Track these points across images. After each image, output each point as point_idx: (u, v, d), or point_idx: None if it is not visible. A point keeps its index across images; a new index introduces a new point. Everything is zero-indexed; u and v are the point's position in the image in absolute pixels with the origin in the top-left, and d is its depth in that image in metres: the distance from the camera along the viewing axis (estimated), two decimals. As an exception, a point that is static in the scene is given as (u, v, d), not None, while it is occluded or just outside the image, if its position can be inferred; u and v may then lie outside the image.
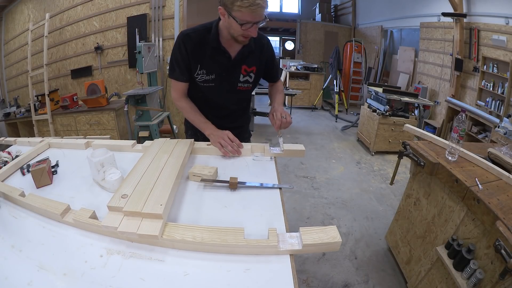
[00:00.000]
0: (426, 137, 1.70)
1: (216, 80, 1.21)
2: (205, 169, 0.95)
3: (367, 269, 1.91)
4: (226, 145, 1.12)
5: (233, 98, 1.30)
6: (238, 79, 1.24)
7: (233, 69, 1.21)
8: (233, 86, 1.25)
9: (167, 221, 0.71)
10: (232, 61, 1.19)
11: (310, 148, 4.08)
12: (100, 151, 0.93)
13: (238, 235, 0.66)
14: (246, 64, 1.22)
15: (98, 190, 0.91)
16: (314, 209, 2.58)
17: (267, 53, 1.27)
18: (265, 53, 1.26)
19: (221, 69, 1.19)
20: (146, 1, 3.66)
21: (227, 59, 1.18)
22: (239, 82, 1.25)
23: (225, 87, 1.24)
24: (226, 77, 1.22)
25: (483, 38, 3.82)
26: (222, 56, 1.17)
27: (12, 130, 4.05)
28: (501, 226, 0.99)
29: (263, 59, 1.27)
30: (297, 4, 10.47)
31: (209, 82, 1.21)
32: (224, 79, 1.22)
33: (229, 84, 1.24)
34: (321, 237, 0.66)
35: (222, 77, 1.21)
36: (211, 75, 1.20)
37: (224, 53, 1.16)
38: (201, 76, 1.20)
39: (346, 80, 6.57)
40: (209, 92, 1.25)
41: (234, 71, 1.22)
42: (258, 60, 1.24)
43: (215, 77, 1.21)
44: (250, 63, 1.23)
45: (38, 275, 0.60)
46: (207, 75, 1.20)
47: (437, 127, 4.50)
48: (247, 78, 1.25)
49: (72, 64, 4.15)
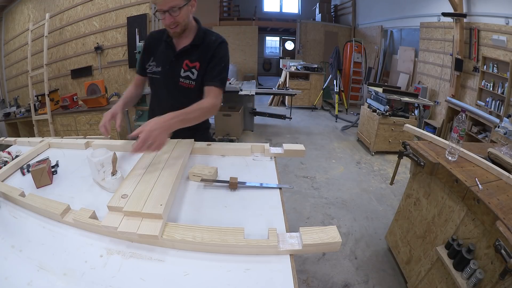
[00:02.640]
0: (426, 137, 1.70)
1: (161, 72, 1.26)
2: (205, 169, 0.95)
3: (367, 269, 1.91)
4: (100, 125, 1.12)
5: (176, 95, 1.27)
6: (179, 73, 1.23)
7: (175, 62, 1.23)
8: (175, 81, 1.24)
9: (167, 221, 0.71)
10: (176, 53, 1.23)
11: (310, 148, 4.08)
12: (100, 151, 0.93)
13: (238, 235, 0.66)
14: (188, 59, 1.22)
15: (98, 190, 0.91)
16: (314, 209, 2.58)
17: (213, 52, 1.21)
18: (210, 51, 1.21)
19: (167, 62, 1.24)
20: (146, 1, 3.66)
21: (172, 52, 1.23)
22: (180, 77, 1.23)
23: (168, 81, 1.26)
24: (169, 70, 1.25)
25: (483, 38, 3.82)
26: (169, 49, 1.24)
27: (12, 130, 4.04)
28: (501, 226, 0.99)
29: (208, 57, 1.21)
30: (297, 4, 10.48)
31: (156, 74, 1.28)
32: (168, 72, 1.25)
33: (171, 78, 1.25)
34: (321, 237, 0.66)
35: (166, 69, 1.25)
36: (158, 67, 1.27)
37: (171, 46, 1.24)
38: (151, 67, 1.28)
39: (346, 80, 6.57)
40: (156, 85, 1.32)
41: (176, 64, 1.23)
42: (203, 56, 1.21)
43: (161, 69, 1.26)
44: (193, 58, 1.22)
45: (38, 275, 0.60)
46: (156, 66, 1.27)
47: (437, 127, 4.50)
48: (189, 74, 1.23)
49: (72, 64, 4.15)
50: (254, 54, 8.80)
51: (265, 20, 9.55)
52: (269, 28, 9.88)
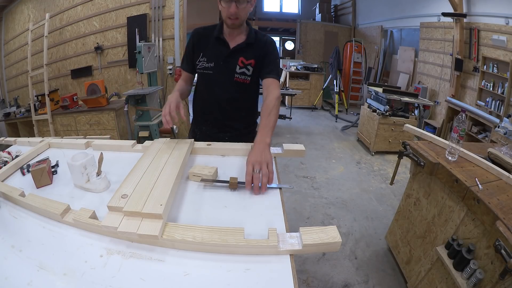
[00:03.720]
0: (426, 137, 1.70)
1: (214, 68, 1.28)
2: (205, 169, 0.94)
3: (367, 269, 1.91)
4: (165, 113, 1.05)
5: (231, 89, 1.31)
6: (235, 70, 1.27)
7: (230, 58, 1.27)
8: (230, 76, 1.28)
9: (167, 221, 0.71)
10: (230, 51, 1.26)
11: (310, 148, 4.08)
12: (80, 155, 0.92)
13: (238, 235, 0.66)
14: (243, 56, 1.26)
15: (98, 190, 0.91)
16: (314, 209, 2.58)
17: (267, 49, 1.29)
18: (265, 49, 1.28)
19: (220, 58, 1.27)
20: (146, 1, 3.66)
21: (226, 49, 1.26)
22: (235, 73, 1.28)
23: (222, 76, 1.29)
24: (224, 66, 1.27)
25: (483, 38, 3.82)
26: (222, 46, 1.27)
27: (12, 130, 4.05)
28: (501, 226, 0.99)
29: (263, 54, 1.28)
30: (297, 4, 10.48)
31: (208, 69, 1.29)
32: (222, 68, 1.27)
33: (226, 74, 1.28)
34: (321, 237, 0.66)
35: (220, 65, 1.28)
36: (211, 63, 1.28)
37: (224, 42, 1.26)
38: (202, 63, 1.30)
39: (346, 80, 6.57)
40: (208, 81, 1.32)
41: (231, 61, 1.27)
42: (257, 54, 1.27)
43: (213, 65, 1.28)
44: (248, 56, 1.26)
45: (38, 275, 0.60)
46: (207, 62, 1.29)
47: (437, 127, 4.50)
48: (244, 70, 1.28)
49: (72, 64, 4.15)
50: (254, 54, 8.78)
51: (265, 20, 9.55)
52: (269, 28, 9.88)
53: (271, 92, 1.21)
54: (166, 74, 3.79)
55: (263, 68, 1.29)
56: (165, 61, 3.77)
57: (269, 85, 1.25)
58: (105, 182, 0.91)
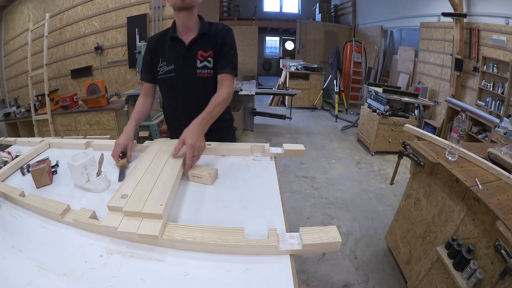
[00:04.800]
0: (426, 137, 1.70)
1: (175, 69, 1.25)
2: (205, 170, 0.95)
3: (367, 269, 1.91)
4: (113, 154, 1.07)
5: (195, 88, 1.27)
6: (196, 65, 1.24)
7: (189, 55, 1.23)
8: (193, 73, 1.25)
9: (167, 221, 0.71)
10: (187, 47, 1.22)
11: (310, 148, 4.08)
12: (80, 155, 0.92)
13: (238, 235, 0.66)
14: (201, 49, 1.23)
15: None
16: (314, 209, 2.58)
17: (222, 39, 1.24)
18: (219, 38, 1.24)
19: (179, 58, 1.24)
20: (146, 1, 3.66)
21: (182, 47, 1.23)
22: (197, 69, 1.24)
23: (185, 75, 1.25)
24: (184, 64, 1.24)
25: (483, 38, 3.82)
26: (178, 45, 1.24)
27: (12, 130, 4.05)
28: (501, 226, 0.99)
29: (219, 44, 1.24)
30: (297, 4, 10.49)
31: (170, 72, 1.26)
32: (183, 67, 1.24)
33: (188, 72, 1.25)
34: (321, 237, 0.66)
35: (180, 65, 1.24)
36: (171, 65, 1.25)
37: (179, 41, 1.23)
38: (163, 68, 1.26)
39: (346, 80, 6.57)
40: (171, 84, 1.28)
41: (190, 57, 1.23)
42: (214, 44, 1.24)
43: (173, 66, 1.25)
44: (206, 47, 1.23)
45: (38, 275, 0.60)
46: (167, 65, 1.26)
47: (437, 127, 4.50)
48: (206, 63, 1.24)
49: (72, 64, 4.16)
50: (254, 54, 8.80)
51: (265, 20, 9.56)
52: (269, 28, 9.89)
53: (223, 87, 1.22)
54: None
55: (218, 61, 1.24)
56: (165, 61, 3.77)
57: (223, 80, 1.23)
58: (105, 182, 0.91)
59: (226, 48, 1.24)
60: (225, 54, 1.24)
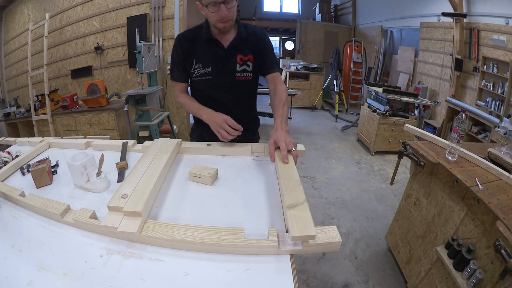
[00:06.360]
0: (426, 137, 1.70)
1: (213, 72, 1.22)
2: (205, 170, 0.94)
3: (367, 269, 1.91)
4: (226, 134, 1.09)
5: (234, 91, 1.27)
6: (235, 68, 1.23)
7: (228, 58, 1.21)
8: (232, 77, 1.23)
9: (167, 221, 0.71)
10: (226, 50, 1.20)
11: (310, 148, 4.08)
12: (80, 155, 0.92)
13: (238, 235, 0.66)
14: (241, 53, 1.22)
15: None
16: (314, 209, 2.58)
17: (261, 42, 1.25)
18: (259, 41, 1.25)
19: (217, 60, 1.21)
20: (146, 1, 3.66)
21: (221, 50, 1.20)
22: (236, 72, 1.23)
23: (223, 79, 1.23)
24: (223, 68, 1.22)
25: (483, 38, 3.82)
26: (215, 47, 1.20)
27: (12, 130, 4.04)
28: (501, 226, 0.99)
29: (260, 47, 1.25)
30: (297, 4, 10.48)
31: (206, 75, 1.23)
32: (221, 70, 1.22)
33: (227, 75, 1.23)
34: (321, 237, 0.66)
35: (218, 68, 1.22)
36: (207, 68, 1.22)
37: (217, 43, 1.20)
38: (198, 70, 1.22)
39: (346, 80, 6.57)
40: (208, 87, 1.25)
41: (229, 60, 1.22)
42: (253, 48, 1.23)
43: (211, 69, 1.22)
44: (245, 51, 1.22)
45: (38, 275, 0.60)
46: (204, 68, 1.22)
47: (437, 127, 4.50)
48: (245, 67, 1.24)
49: (72, 64, 4.15)
50: (254, 54, 8.77)
51: (265, 20, 9.55)
52: (269, 28, 9.87)
53: (279, 85, 1.25)
54: (166, 74, 3.79)
55: (264, 63, 1.26)
56: (165, 61, 3.77)
57: (275, 78, 1.27)
58: (105, 182, 0.91)
59: (269, 49, 1.27)
60: (269, 54, 1.27)
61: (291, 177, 0.84)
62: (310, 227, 0.64)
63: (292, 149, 0.98)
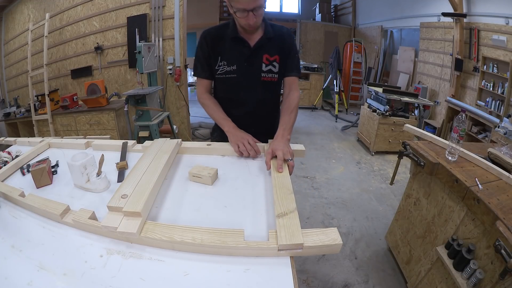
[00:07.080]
0: (426, 137, 1.70)
1: (238, 71, 1.20)
2: (205, 170, 0.94)
3: (367, 269, 1.91)
4: (244, 150, 1.08)
5: (259, 91, 1.25)
6: (261, 68, 1.21)
7: (253, 58, 1.20)
8: (257, 76, 1.22)
9: (167, 222, 0.71)
10: (252, 49, 1.18)
11: (310, 148, 4.08)
12: (80, 155, 0.92)
13: (237, 236, 0.66)
14: (267, 53, 1.20)
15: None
16: (314, 209, 2.58)
17: (287, 43, 1.23)
18: (286, 43, 1.23)
19: (242, 59, 1.19)
20: (146, 1, 3.66)
21: (247, 48, 1.19)
22: (262, 72, 1.21)
23: (248, 78, 1.21)
24: (248, 67, 1.20)
25: (483, 38, 3.82)
26: (241, 46, 1.19)
27: (12, 130, 4.04)
28: (501, 226, 0.99)
29: (286, 49, 1.23)
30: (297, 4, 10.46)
31: (231, 73, 1.21)
32: (246, 69, 1.20)
33: (252, 75, 1.21)
34: (321, 239, 0.66)
35: (243, 67, 1.20)
36: (232, 66, 1.20)
37: (243, 42, 1.18)
38: (222, 67, 1.21)
39: (346, 80, 6.57)
40: (232, 85, 1.23)
41: (255, 60, 1.20)
42: (279, 49, 1.22)
43: (236, 68, 1.20)
44: (272, 51, 1.20)
45: (38, 275, 0.60)
46: (228, 66, 1.20)
47: (437, 127, 4.49)
48: (271, 68, 1.22)
49: (72, 64, 4.15)
50: (254, 54, 8.77)
51: (265, 20, 9.53)
52: (269, 28, 9.87)
53: (293, 90, 1.24)
54: (166, 74, 3.79)
55: (285, 65, 1.24)
56: (165, 61, 3.77)
57: (291, 83, 1.26)
58: (105, 182, 0.91)
59: (294, 51, 1.25)
60: (293, 57, 1.24)
61: (284, 186, 0.84)
62: (298, 236, 0.65)
63: (289, 159, 0.98)
